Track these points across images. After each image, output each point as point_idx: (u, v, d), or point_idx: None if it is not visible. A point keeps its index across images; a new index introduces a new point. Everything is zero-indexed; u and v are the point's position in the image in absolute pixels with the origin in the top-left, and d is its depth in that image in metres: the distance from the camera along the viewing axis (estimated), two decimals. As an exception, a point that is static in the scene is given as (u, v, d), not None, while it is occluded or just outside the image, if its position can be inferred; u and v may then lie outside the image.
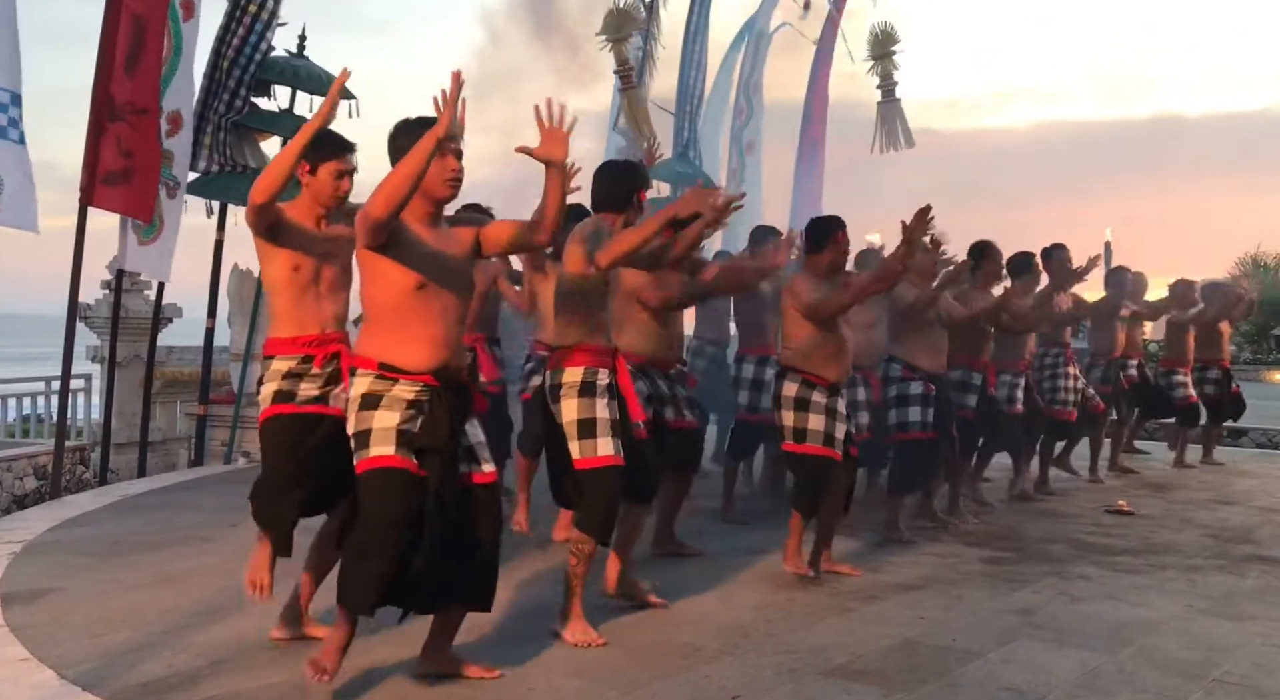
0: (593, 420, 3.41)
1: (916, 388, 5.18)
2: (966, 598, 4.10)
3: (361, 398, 2.82)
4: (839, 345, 4.31)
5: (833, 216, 4.52)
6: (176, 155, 6.91)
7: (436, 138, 2.62)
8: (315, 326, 3.18)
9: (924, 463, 5.17)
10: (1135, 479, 7.46)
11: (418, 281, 2.79)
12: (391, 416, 2.79)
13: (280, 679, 2.97)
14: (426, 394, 2.82)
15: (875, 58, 10.08)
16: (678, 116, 10.04)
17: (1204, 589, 4.32)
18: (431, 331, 2.83)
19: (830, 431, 4.24)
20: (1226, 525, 5.80)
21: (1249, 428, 9.90)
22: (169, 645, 3.26)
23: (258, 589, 3.20)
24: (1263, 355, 25.80)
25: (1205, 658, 3.38)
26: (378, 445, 2.77)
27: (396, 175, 2.66)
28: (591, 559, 3.45)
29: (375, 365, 2.82)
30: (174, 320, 8.62)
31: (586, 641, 3.36)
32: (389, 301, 2.82)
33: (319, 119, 2.92)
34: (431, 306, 2.82)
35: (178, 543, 4.72)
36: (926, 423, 5.13)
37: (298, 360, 3.16)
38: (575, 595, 3.42)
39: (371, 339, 2.86)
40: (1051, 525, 5.68)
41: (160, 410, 8.94)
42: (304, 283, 3.16)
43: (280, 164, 2.98)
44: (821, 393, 4.26)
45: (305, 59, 7.65)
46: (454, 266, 2.88)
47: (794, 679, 3.10)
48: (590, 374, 3.46)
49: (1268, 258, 33.81)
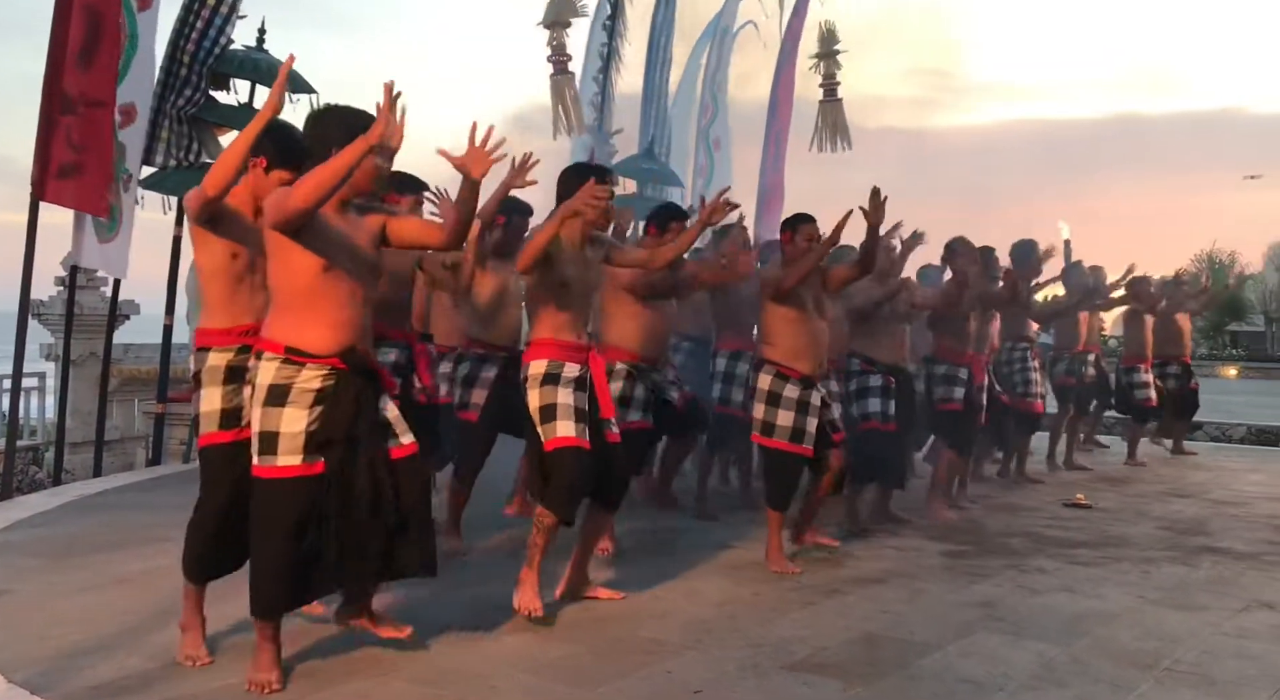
0: (553, 405, 3.55)
1: (875, 380, 5.23)
2: (927, 591, 4.15)
3: (268, 390, 2.83)
4: (812, 338, 4.39)
5: (800, 214, 4.64)
6: (129, 148, 6.77)
7: (369, 145, 2.69)
8: (250, 316, 3.13)
9: (883, 453, 5.21)
10: (1093, 473, 7.57)
11: (324, 265, 2.83)
12: (299, 417, 2.82)
13: (236, 680, 2.93)
14: (333, 379, 2.85)
15: (819, 56, 10.11)
16: (644, 113, 10.03)
17: (1157, 580, 4.40)
18: (338, 315, 2.86)
19: (800, 427, 4.34)
20: (1180, 518, 5.91)
21: (1203, 422, 10.09)
22: (121, 647, 3.20)
23: (192, 661, 3.07)
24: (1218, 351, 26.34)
25: (1157, 647, 3.44)
26: (286, 454, 2.82)
27: (323, 174, 2.70)
28: (551, 532, 3.56)
29: (282, 349, 2.84)
30: (131, 317, 8.46)
31: (527, 609, 3.48)
32: (296, 285, 2.84)
33: (268, 110, 2.88)
34: (338, 290, 2.86)
35: (133, 543, 4.64)
36: (886, 414, 5.18)
37: (234, 352, 3.09)
38: (530, 564, 3.55)
39: (279, 322, 2.88)
40: (1011, 518, 5.76)
41: (117, 409, 8.78)
42: (239, 272, 3.13)
43: (232, 156, 2.94)
44: (795, 386, 4.35)
45: (265, 53, 7.54)
46: (361, 252, 2.94)
47: (756, 673, 3.11)
48: (555, 366, 3.59)
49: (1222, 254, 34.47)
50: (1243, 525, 5.71)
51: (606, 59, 9.27)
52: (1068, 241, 7.59)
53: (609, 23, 9.13)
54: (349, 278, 2.88)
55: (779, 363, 4.38)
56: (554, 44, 8.27)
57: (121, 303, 7.69)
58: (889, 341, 5.33)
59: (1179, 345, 8.36)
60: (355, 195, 2.96)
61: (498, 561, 4.31)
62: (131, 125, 6.73)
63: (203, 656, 3.08)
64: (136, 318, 8.48)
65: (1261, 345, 27.54)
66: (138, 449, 8.71)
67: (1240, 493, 6.90)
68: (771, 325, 4.44)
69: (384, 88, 2.70)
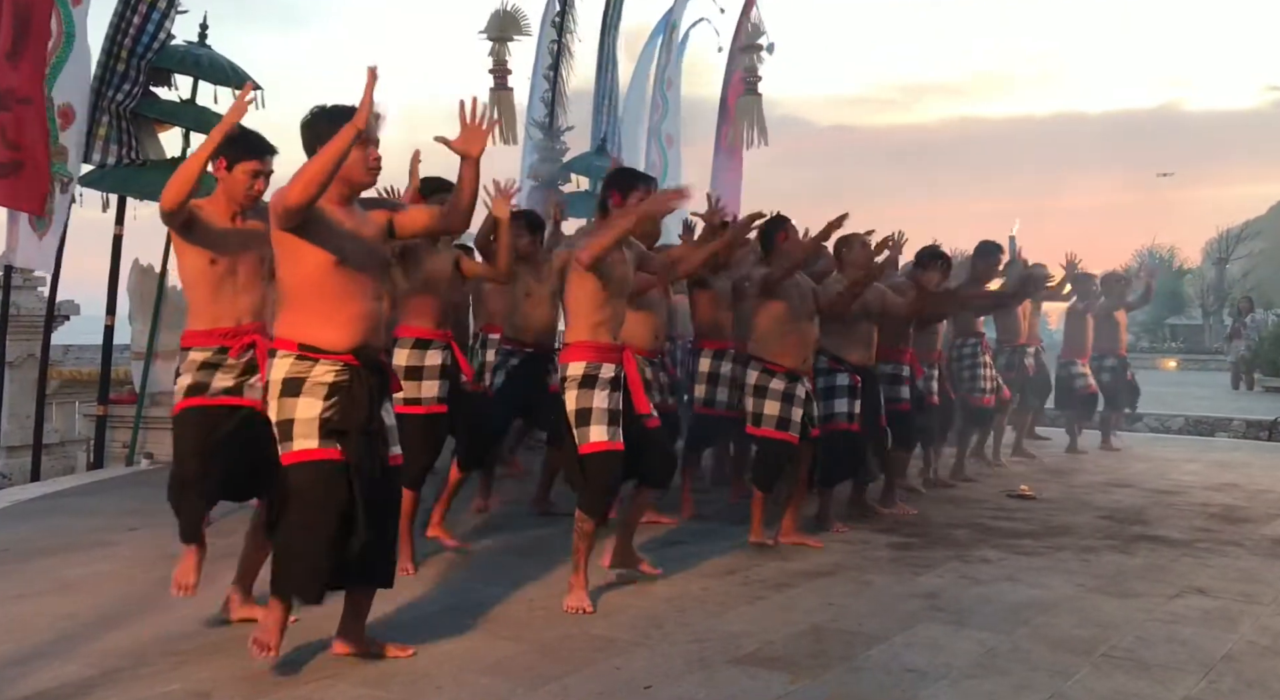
0: (589, 409, 3.68)
1: (843, 379, 5.24)
2: (874, 583, 4.21)
3: (282, 383, 2.87)
4: (796, 334, 4.67)
5: (776, 216, 4.85)
6: (71, 151, 6.61)
7: (356, 130, 2.70)
8: (231, 319, 3.26)
9: (849, 453, 5.25)
10: (1037, 464, 7.75)
11: (333, 261, 2.85)
12: (313, 405, 2.85)
13: (177, 686, 2.88)
14: (347, 374, 2.88)
15: (743, 51, 10.18)
16: (595, 110, 10.02)
17: (1096, 568, 4.52)
18: (349, 311, 2.88)
19: (785, 416, 4.65)
20: (1120, 507, 6.07)
21: (1144, 413, 10.35)
22: (59, 655, 3.13)
23: (183, 588, 3.30)
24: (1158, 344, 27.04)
25: (1094, 634, 3.53)
26: (301, 438, 2.84)
27: (315, 165, 2.72)
28: (591, 537, 3.72)
29: (295, 346, 2.87)
30: (70, 318, 8.28)
31: (577, 608, 3.64)
32: (306, 282, 2.87)
33: (228, 123, 2.97)
34: (348, 286, 2.88)
35: (73, 548, 4.54)
36: (852, 414, 5.20)
37: (213, 351, 3.26)
38: (577, 569, 3.72)
39: (290, 320, 2.91)
40: (956, 510, 5.87)
41: (57, 411, 8.59)
42: (219, 276, 3.24)
43: (190, 167, 3.04)
44: (780, 379, 4.66)
45: (208, 48, 7.39)
46: (369, 247, 2.95)
47: (704, 667, 3.14)
48: (592, 368, 3.71)
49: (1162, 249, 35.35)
50: (1177, 514, 5.88)
51: (556, 56, 9.26)
52: (1012, 237, 7.70)
53: (558, 19, 9.11)
54: (358, 273, 2.89)
55: (765, 358, 4.67)
56: (495, 58, 8.30)
57: (60, 303, 7.52)
58: (859, 341, 5.33)
59: (1115, 339, 8.59)
60: (354, 189, 2.96)
61: (437, 564, 4.30)
62: (71, 126, 6.57)
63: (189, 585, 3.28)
64: (76, 318, 8.30)
65: (1200, 338, 28.29)
66: (79, 452, 8.51)
67: (1177, 482, 7.10)
68: (759, 322, 4.70)
69: (367, 72, 2.70)
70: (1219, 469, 7.79)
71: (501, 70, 8.40)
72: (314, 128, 2.88)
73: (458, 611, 3.55)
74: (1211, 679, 3.12)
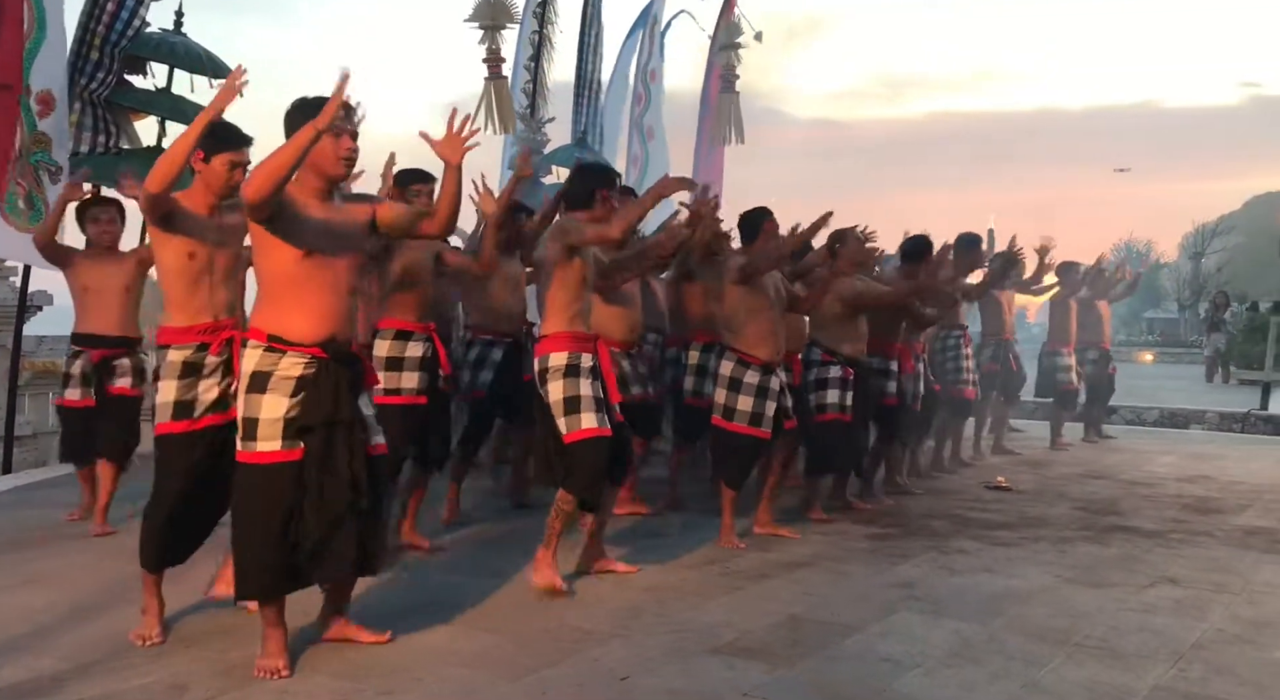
0: (577, 397, 3.70)
1: (835, 371, 5.24)
2: (851, 573, 4.23)
3: (250, 377, 2.88)
4: (771, 326, 4.64)
5: (759, 208, 4.85)
6: (55, 138, 6.51)
7: (316, 130, 2.70)
8: (209, 314, 3.25)
9: (840, 445, 5.26)
10: (1014, 456, 7.80)
11: (303, 253, 2.85)
12: (279, 404, 2.85)
13: (153, 679, 2.87)
14: (314, 367, 2.88)
15: (722, 48, 10.15)
16: (576, 102, 9.97)
17: (1071, 559, 4.56)
18: (318, 303, 2.89)
19: (759, 411, 4.58)
20: (1095, 498, 6.13)
21: (1119, 405, 10.45)
22: (30, 648, 3.10)
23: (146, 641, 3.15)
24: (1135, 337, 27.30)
25: (1068, 624, 3.57)
26: (265, 440, 2.85)
27: (272, 161, 2.72)
28: (569, 517, 3.78)
29: (265, 337, 2.88)
30: (44, 308, 8.14)
31: (548, 584, 3.67)
32: (278, 274, 2.88)
33: (211, 111, 2.95)
34: (319, 279, 2.88)
35: (45, 541, 4.49)
36: (844, 406, 5.20)
37: (193, 349, 3.22)
38: (548, 545, 3.74)
39: (262, 311, 2.93)
40: (934, 501, 5.91)
41: (30, 403, 8.46)
42: (198, 270, 3.22)
43: (174, 154, 3.03)
44: (755, 372, 4.59)
45: (183, 36, 7.30)
46: (343, 241, 2.94)
47: (681, 658, 3.15)
48: (574, 358, 3.74)
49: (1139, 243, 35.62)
50: (1151, 505, 5.95)
51: (538, 46, 9.19)
52: (991, 230, 7.74)
53: (539, 9, 9.06)
54: (331, 267, 2.89)
55: (740, 349, 4.61)
56: (488, 47, 8.22)
57: (33, 293, 7.40)
58: (852, 334, 5.33)
59: (1099, 332, 8.63)
60: (328, 181, 2.95)
61: (414, 558, 4.30)
62: (52, 114, 6.47)
63: (154, 636, 3.14)
64: (50, 309, 8.16)
65: (1176, 331, 28.62)
66: (52, 444, 8.41)
67: (1151, 474, 7.18)
68: (734, 313, 4.66)
69: (341, 74, 2.72)
70: (1193, 461, 7.88)
71: (495, 59, 8.32)
72: (291, 119, 2.89)
73: (436, 604, 3.54)
74: (1181, 667, 3.16)
